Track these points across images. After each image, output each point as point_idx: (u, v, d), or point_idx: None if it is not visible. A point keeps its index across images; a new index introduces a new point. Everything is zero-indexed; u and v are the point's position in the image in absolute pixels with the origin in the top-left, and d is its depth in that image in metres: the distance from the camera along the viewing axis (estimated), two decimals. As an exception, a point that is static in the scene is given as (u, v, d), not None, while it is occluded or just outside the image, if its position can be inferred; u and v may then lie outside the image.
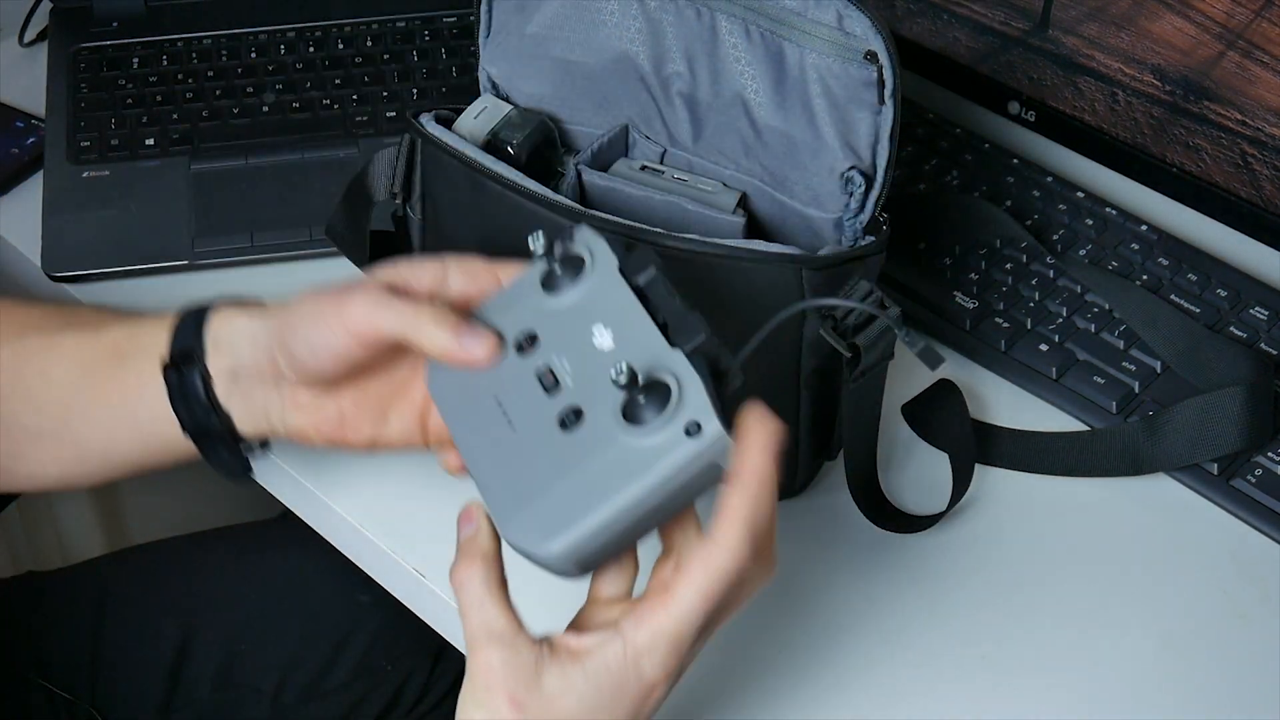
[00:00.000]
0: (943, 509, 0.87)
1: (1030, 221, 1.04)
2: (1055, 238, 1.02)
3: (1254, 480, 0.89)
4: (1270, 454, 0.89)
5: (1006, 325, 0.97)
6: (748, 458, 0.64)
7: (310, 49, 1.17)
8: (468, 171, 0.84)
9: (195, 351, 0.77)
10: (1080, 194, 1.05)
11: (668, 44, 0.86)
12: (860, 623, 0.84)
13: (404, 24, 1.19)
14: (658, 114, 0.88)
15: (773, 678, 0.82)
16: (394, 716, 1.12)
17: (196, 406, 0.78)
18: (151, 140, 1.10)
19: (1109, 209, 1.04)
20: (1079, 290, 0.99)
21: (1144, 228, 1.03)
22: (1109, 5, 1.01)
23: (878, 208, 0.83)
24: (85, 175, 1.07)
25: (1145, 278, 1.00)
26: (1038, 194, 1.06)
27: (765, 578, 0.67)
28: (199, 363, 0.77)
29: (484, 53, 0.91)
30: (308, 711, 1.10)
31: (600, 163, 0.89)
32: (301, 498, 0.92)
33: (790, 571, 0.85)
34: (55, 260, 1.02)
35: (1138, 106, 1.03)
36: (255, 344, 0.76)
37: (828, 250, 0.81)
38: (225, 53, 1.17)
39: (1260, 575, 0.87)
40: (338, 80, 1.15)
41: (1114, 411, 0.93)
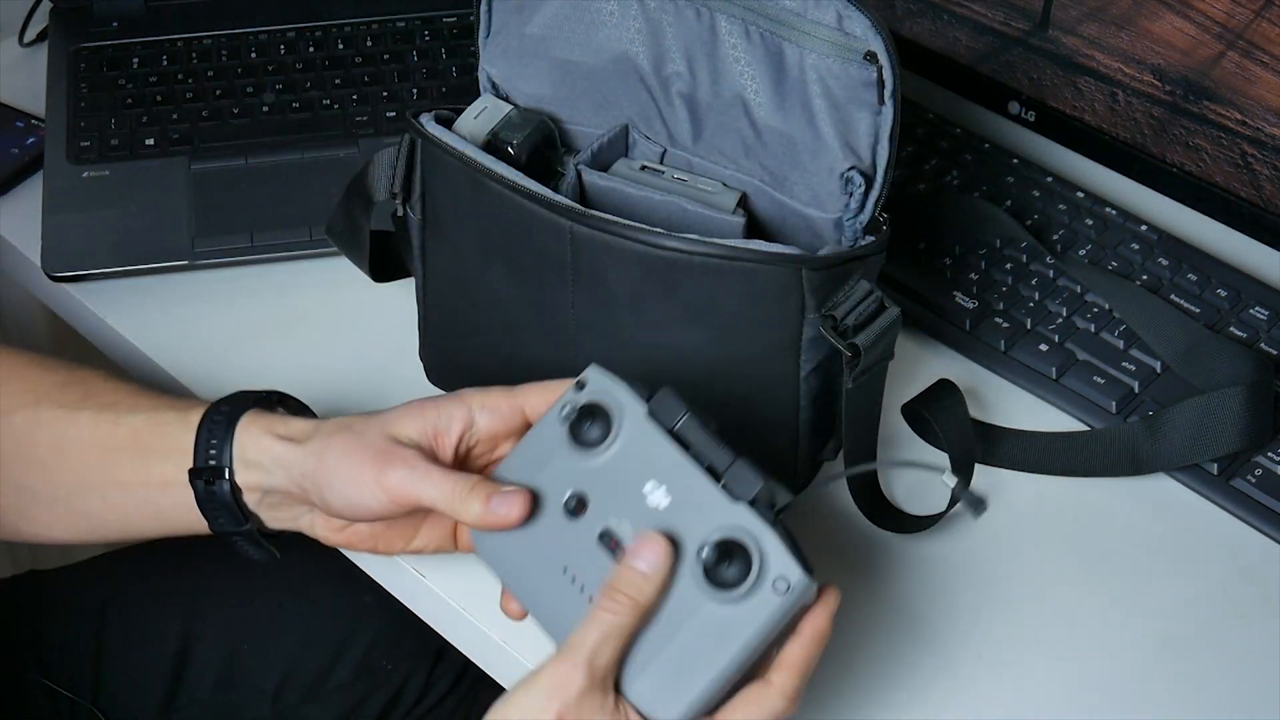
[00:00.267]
0: (942, 509, 0.87)
1: (1030, 221, 1.04)
2: (1055, 238, 1.02)
3: (1254, 480, 0.89)
4: (1270, 454, 0.89)
5: (1006, 325, 0.97)
6: (814, 619, 0.69)
7: (310, 49, 1.17)
8: (468, 171, 0.84)
9: (224, 468, 0.79)
10: (1080, 194, 1.05)
11: (667, 44, 0.86)
12: (859, 622, 0.84)
13: (404, 24, 1.19)
14: (658, 114, 0.88)
15: (773, 678, 0.82)
16: (394, 716, 1.12)
17: (223, 513, 0.80)
18: (151, 140, 1.10)
19: (1109, 209, 1.04)
20: (1079, 290, 0.99)
21: (1144, 228, 1.03)
22: (1109, 5, 1.01)
23: (878, 208, 0.83)
24: (85, 175, 1.07)
25: (1145, 278, 1.00)
26: (1038, 194, 1.06)
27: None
28: (228, 479, 0.79)
29: (484, 53, 0.91)
30: (309, 711, 1.10)
31: (600, 163, 0.89)
32: (302, 498, 0.92)
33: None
34: (55, 260, 1.02)
35: (1138, 106, 1.03)
36: (289, 475, 0.78)
37: (828, 250, 0.81)
38: (225, 53, 1.17)
39: (1260, 575, 0.87)
40: (338, 80, 1.15)
41: (1114, 411, 0.93)
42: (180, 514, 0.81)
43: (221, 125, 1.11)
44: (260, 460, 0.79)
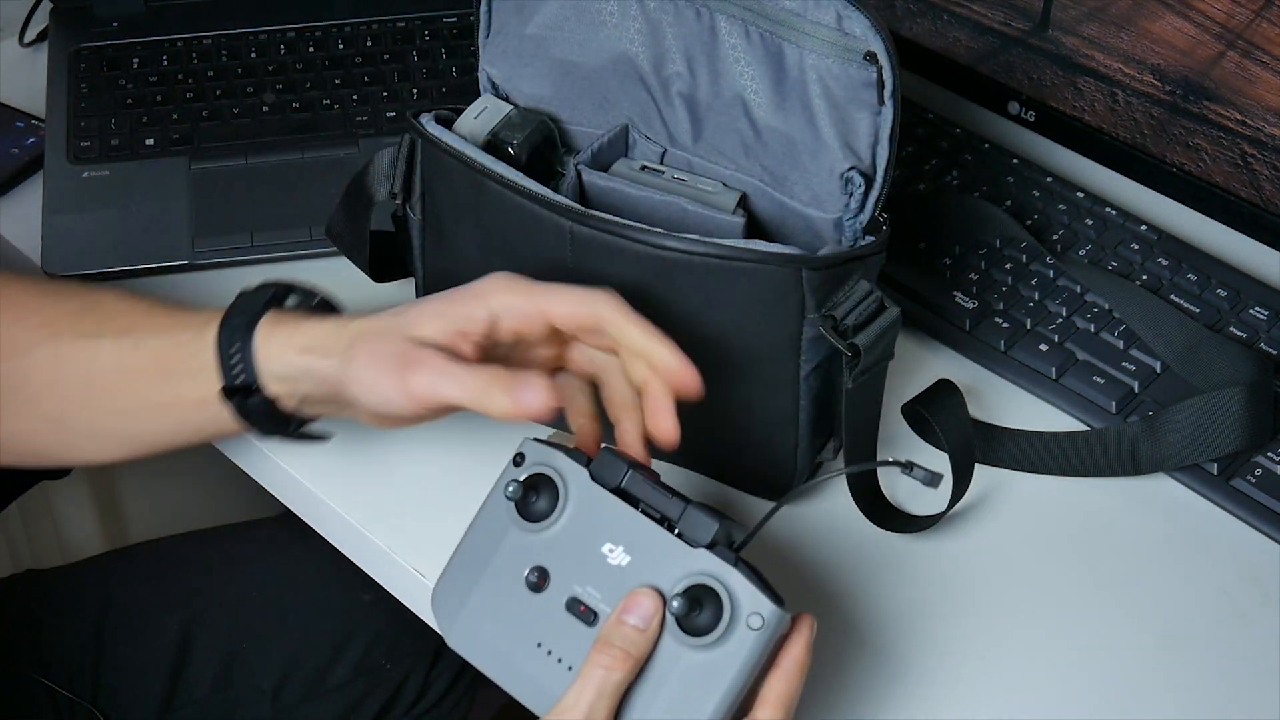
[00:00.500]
0: (942, 509, 0.87)
1: (1030, 221, 1.04)
2: (1055, 238, 1.02)
3: (1254, 480, 0.89)
4: (1270, 454, 0.89)
5: (1006, 325, 0.97)
6: (791, 649, 0.70)
7: (310, 49, 1.17)
8: (468, 171, 0.84)
9: (253, 384, 0.78)
10: (1080, 194, 1.05)
11: (667, 44, 0.86)
12: (859, 622, 0.84)
13: (404, 24, 1.19)
14: (657, 114, 0.89)
15: (772, 678, 0.82)
16: (393, 715, 1.12)
17: (264, 421, 0.80)
18: (151, 140, 1.10)
19: (1109, 209, 1.04)
20: (1079, 290, 0.99)
21: (1144, 228, 1.03)
22: (1109, 5, 1.01)
23: (878, 208, 0.83)
24: (85, 175, 1.07)
25: (1145, 278, 1.00)
26: (1038, 194, 1.06)
27: None
28: (259, 391, 0.78)
29: (484, 53, 0.91)
30: (308, 710, 1.10)
31: (600, 163, 0.89)
32: (301, 498, 0.92)
33: (790, 571, 0.85)
34: (55, 260, 1.02)
35: (1138, 106, 1.03)
36: (318, 385, 0.77)
37: (828, 250, 0.81)
38: (225, 53, 1.17)
39: (1260, 575, 0.87)
40: (338, 80, 1.15)
41: (1114, 411, 0.93)
42: (222, 426, 0.80)
43: (221, 125, 1.11)
44: (287, 373, 0.78)
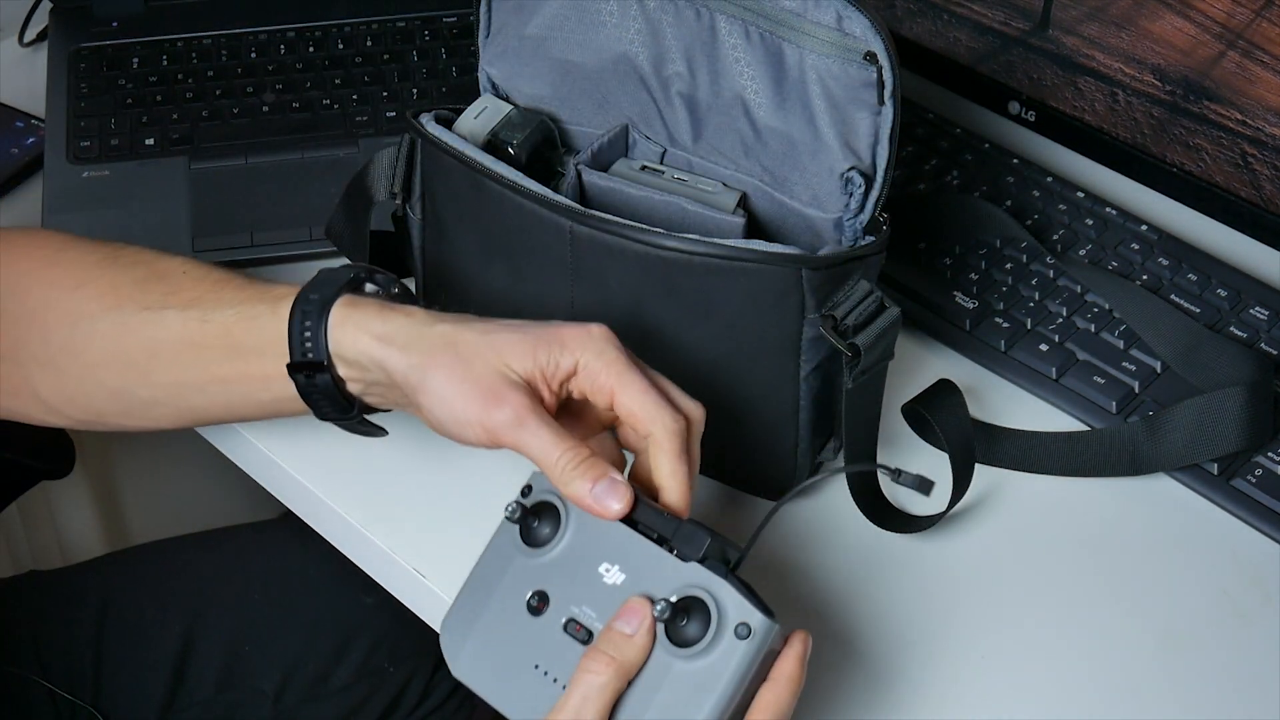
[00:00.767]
0: (942, 509, 0.87)
1: (1030, 221, 1.04)
2: (1055, 238, 1.02)
3: (1254, 480, 0.89)
4: (1270, 454, 0.89)
5: (1006, 325, 0.97)
6: (784, 663, 0.70)
7: (310, 49, 1.17)
8: (468, 171, 0.84)
9: (322, 361, 0.78)
10: (1080, 194, 1.05)
11: (667, 44, 0.86)
12: (859, 622, 0.84)
13: (404, 24, 1.19)
14: (657, 114, 0.88)
15: (773, 678, 0.82)
16: (395, 718, 1.12)
17: (327, 402, 0.79)
18: (151, 140, 1.10)
19: (1109, 209, 1.04)
20: (1079, 290, 0.99)
21: (1144, 228, 1.03)
22: (1109, 5, 1.01)
23: (878, 208, 0.83)
24: (85, 175, 1.07)
25: (1145, 278, 1.00)
26: (1038, 194, 1.06)
27: None
28: (329, 370, 0.78)
29: (484, 53, 0.91)
30: (309, 712, 1.10)
31: (600, 163, 0.89)
32: (301, 498, 0.92)
33: (790, 572, 0.85)
34: (55, 261, 1.02)
35: (1138, 106, 1.03)
36: (390, 376, 0.76)
37: (828, 250, 0.81)
38: (225, 53, 1.17)
39: (1260, 575, 0.87)
40: (338, 80, 1.15)
41: (1114, 411, 0.93)
42: (284, 404, 0.80)
43: (221, 125, 1.11)
44: (359, 359, 0.77)
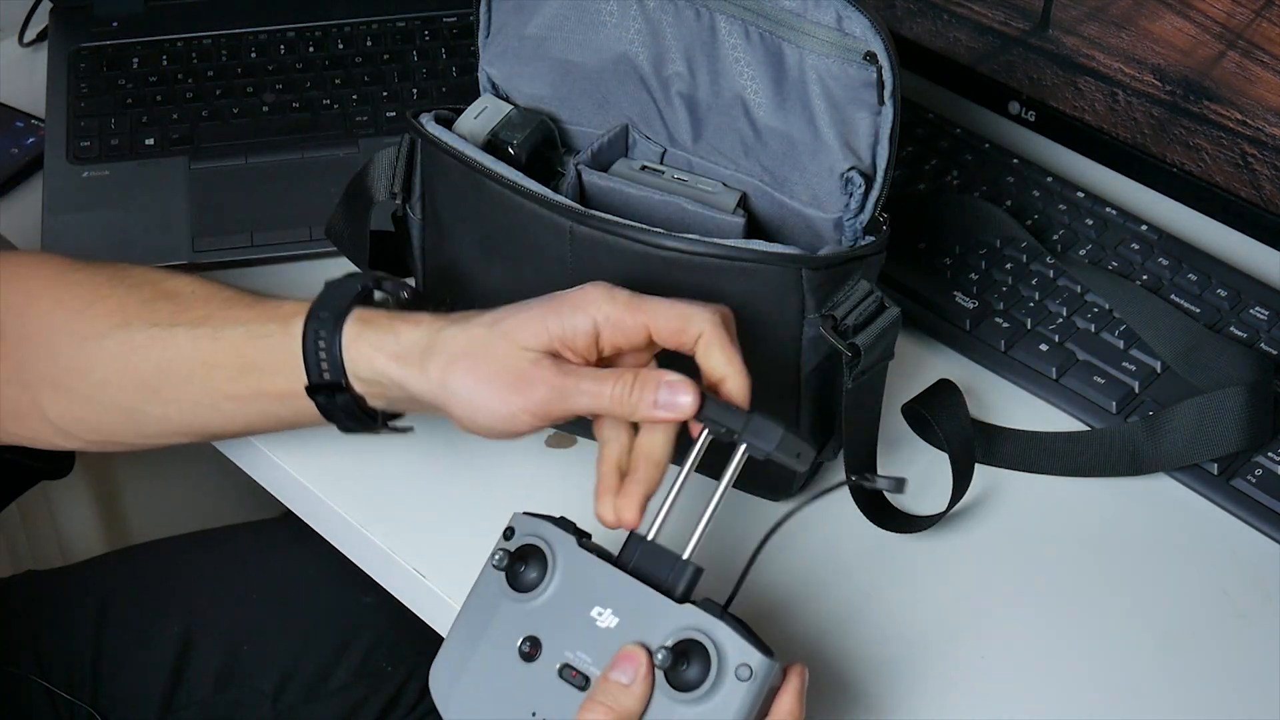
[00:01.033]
0: (942, 509, 0.87)
1: (1030, 221, 1.04)
2: (1055, 238, 1.02)
3: (1254, 480, 0.89)
4: (1270, 454, 0.89)
5: (1006, 325, 0.97)
6: (783, 700, 0.69)
7: (310, 49, 1.17)
8: (468, 171, 0.84)
9: (340, 383, 0.77)
10: (1080, 194, 1.05)
11: (667, 44, 0.86)
12: (860, 623, 0.84)
13: (404, 24, 1.19)
14: (657, 114, 0.88)
15: (773, 678, 0.82)
16: (394, 718, 1.12)
17: (349, 418, 0.79)
18: (151, 140, 1.10)
19: (1109, 209, 1.04)
20: (1079, 290, 0.99)
21: (1144, 228, 1.03)
22: (1109, 5, 1.01)
23: (878, 208, 0.83)
24: (85, 175, 1.07)
25: (1145, 278, 1.00)
26: (1038, 194, 1.06)
27: None
28: (348, 390, 0.77)
29: (484, 53, 0.91)
30: (308, 712, 1.10)
31: (600, 163, 0.89)
32: (301, 498, 0.92)
33: (790, 572, 0.85)
34: (55, 260, 1.02)
35: (1138, 106, 1.03)
36: (410, 395, 0.76)
37: (828, 250, 0.81)
38: (225, 53, 1.17)
39: (1260, 575, 0.87)
40: (338, 80, 1.15)
41: (1114, 411, 0.93)
42: (303, 419, 0.80)
43: (221, 125, 1.11)
44: (376, 379, 0.76)
